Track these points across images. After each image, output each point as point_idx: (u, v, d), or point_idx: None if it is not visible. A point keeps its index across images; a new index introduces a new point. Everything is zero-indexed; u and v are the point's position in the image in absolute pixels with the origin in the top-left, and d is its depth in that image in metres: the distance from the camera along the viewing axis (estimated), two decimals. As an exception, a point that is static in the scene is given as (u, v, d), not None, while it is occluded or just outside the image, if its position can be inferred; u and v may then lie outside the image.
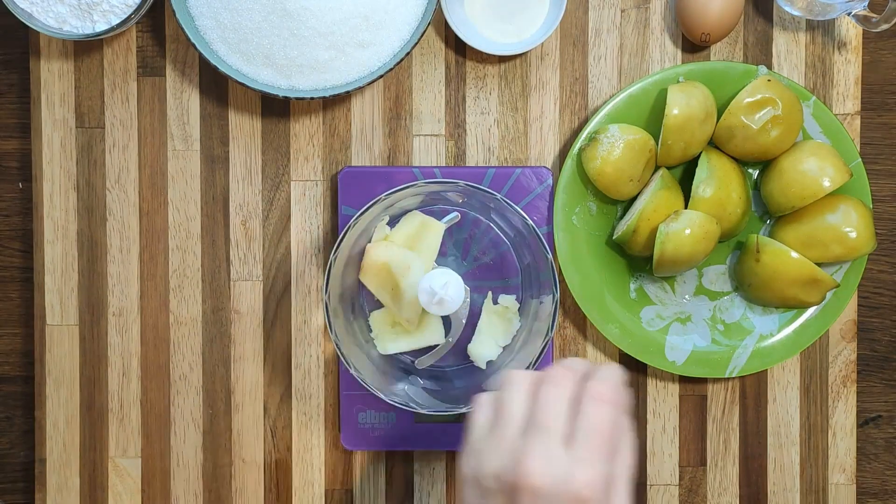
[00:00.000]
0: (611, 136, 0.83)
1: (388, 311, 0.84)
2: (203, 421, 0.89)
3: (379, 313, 0.85)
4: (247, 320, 0.89)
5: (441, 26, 0.88)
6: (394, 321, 0.84)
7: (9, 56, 0.91)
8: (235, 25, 0.83)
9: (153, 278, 0.89)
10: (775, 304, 0.86)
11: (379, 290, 0.83)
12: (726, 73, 0.86)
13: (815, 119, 0.86)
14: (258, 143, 0.89)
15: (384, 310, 0.85)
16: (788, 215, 0.86)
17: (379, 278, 0.83)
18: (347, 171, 0.87)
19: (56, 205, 0.89)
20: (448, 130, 0.89)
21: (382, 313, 0.85)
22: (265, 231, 0.89)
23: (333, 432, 0.89)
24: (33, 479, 0.91)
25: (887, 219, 0.92)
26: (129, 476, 0.89)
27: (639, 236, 0.83)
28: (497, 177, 0.86)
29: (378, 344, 0.84)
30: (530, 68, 0.89)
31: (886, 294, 0.92)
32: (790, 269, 0.83)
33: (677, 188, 0.85)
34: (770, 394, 0.90)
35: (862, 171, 0.86)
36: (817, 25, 0.89)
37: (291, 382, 0.89)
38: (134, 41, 0.89)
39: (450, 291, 0.78)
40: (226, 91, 0.89)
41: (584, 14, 0.89)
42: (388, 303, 0.84)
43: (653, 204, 0.83)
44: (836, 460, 0.90)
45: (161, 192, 0.89)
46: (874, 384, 0.92)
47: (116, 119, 0.89)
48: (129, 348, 0.89)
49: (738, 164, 0.86)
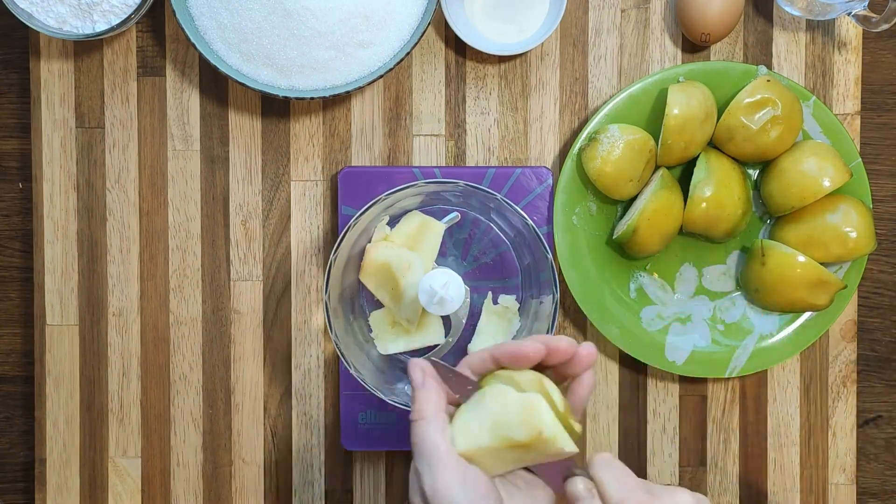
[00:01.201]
0: (611, 136, 0.83)
1: (388, 311, 0.84)
2: (203, 421, 0.89)
3: (379, 313, 0.85)
4: (247, 320, 0.89)
5: (441, 26, 0.89)
6: (394, 321, 0.84)
7: (9, 56, 0.91)
8: (235, 25, 0.83)
9: (153, 278, 0.89)
10: (783, 309, 0.86)
11: (379, 289, 0.83)
12: (726, 73, 0.86)
13: (815, 119, 0.86)
14: (258, 143, 0.89)
15: (384, 310, 0.85)
16: (788, 215, 0.86)
17: (379, 278, 0.83)
18: (347, 171, 0.87)
19: (56, 205, 0.89)
20: (448, 130, 0.89)
21: (382, 313, 0.85)
22: (265, 231, 0.89)
23: (333, 432, 0.89)
24: (33, 479, 0.91)
25: (887, 219, 0.92)
26: (129, 476, 0.89)
27: (639, 236, 0.83)
28: (497, 177, 0.87)
29: (378, 344, 0.84)
30: (530, 68, 0.89)
31: (886, 294, 0.92)
32: (797, 271, 0.83)
33: (677, 188, 0.85)
34: (770, 394, 0.90)
35: (862, 171, 0.86)
36: (817, 25, 0.89)
37: (291, 382, 0.89)
38: (134, 41, 0.89)
39: (450, 291, 0.78)
40: (226, 91, 0.89)
41: (584, 14, 0.89)
42: (388, 303, 0.84)
43: (653, 204, 0.83)
44: (836, 460, 0.90)
45: (161, 192, 0.89)
46: (874, 384, 0.92)
47: (116, 119, 0.89)
48: (129, 348, 0.89)
49: (739, 164, 0.86)
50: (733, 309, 0.88)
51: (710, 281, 0.89)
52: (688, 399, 0.90)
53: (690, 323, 0.88)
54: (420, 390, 0.62)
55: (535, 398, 0.60)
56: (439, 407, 0.62)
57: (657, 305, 0.88)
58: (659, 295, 0.88)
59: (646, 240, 0.83)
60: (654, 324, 0.88)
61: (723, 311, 0.88)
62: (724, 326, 0.88)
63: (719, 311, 0.88)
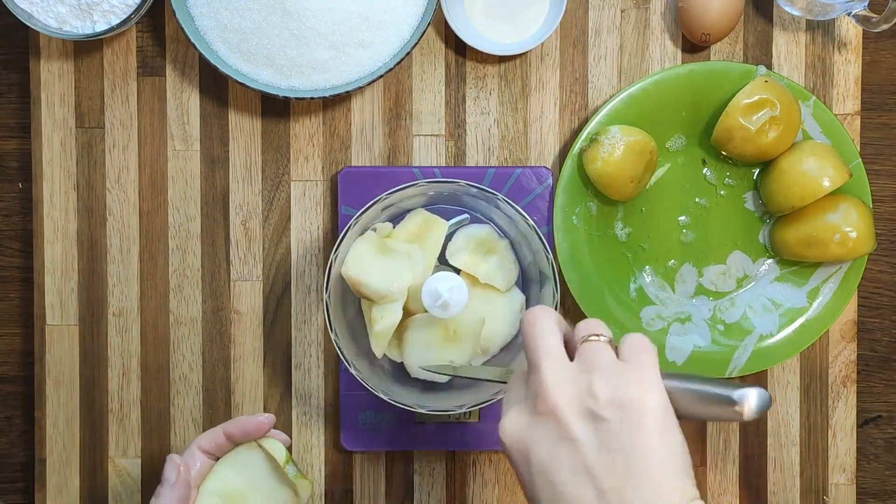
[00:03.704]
0: (612, 137, 0.83)
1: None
2: (203, 421, 0.89)
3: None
4: (247, 320, 0.89)
5: (441, 26, 0.88)
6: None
7: (9, 56, 0.91)
8: (235, 25, 0.83)
9: (153, 278, 0.89)
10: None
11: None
12: (726, 73, 0.86)
13: (815, 119, 0.86)
14: (258, 143, 0.89)
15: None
16: (788, 215, 0.86)
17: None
18: (347, 171, 0.87)
19: (56, 205, 0.89)
20: (448, 130, 0.89)
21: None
22: (265, 231, 0.89)
23: (333, 432, 0.89)
24: (33, 479, 0.91)
25: (887, 219, 0.92)
26: (129, 476, 0.89)
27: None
28: (497, 177, 0.86)
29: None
30: (530, 68, 0.89)
31: (886, 294, 0.92)
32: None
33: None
34: (770, 394, 0.90)
35: (862, 171, 0.86)
36: (817, 25, 0.89)
37: (291, 382, 0.89)
38: (134, 41, 0.89)
39: (454, 296, 0.78)
40: (226, 91, 0.89)
41: (584, 14, 0.89)
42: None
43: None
44: (836, 460, 0.90)
45: (161, 192, 0.89)
46: (874, 384, 0.92)
47: (116, 119, 0.89)
48: (129, 348, 0.89)
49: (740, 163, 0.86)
50: (733, 309, 0.88)
51: (710, 281, 0.89)
52: (688, 399, 0.89)
53: (690, 323, 0.88)
54: (167, 488, 0.74)
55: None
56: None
57: (657, 305, 0.88)
58: (659, 295, 0.88)
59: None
60: (654, 324, 0.88)
61: (723, 311, 0.88)
62: (724, 326, 0.88)
63: (719, 311, 0.88)
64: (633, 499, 0.53)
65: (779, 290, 0.88)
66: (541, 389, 0.57)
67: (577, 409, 0.56)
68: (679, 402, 0.58)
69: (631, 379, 0.56)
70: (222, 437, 0.76)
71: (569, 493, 0.55)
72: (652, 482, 0.54)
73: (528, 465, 0.57)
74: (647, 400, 0.55)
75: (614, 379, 0.56)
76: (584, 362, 0.58)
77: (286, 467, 0.77)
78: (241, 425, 0.76)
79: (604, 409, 0.55)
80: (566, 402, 0.56)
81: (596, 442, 0.55)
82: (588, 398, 0.56)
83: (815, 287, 0.88)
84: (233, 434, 0.76)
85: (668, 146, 0.88)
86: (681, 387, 0.58)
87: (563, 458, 0.55)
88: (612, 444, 0.55)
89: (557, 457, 0.55)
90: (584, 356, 0.58)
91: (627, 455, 0.54)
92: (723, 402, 0.57)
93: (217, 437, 0.76)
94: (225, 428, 0.76)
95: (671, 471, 0.54)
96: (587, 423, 0.56)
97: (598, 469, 0.54)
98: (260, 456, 0.77)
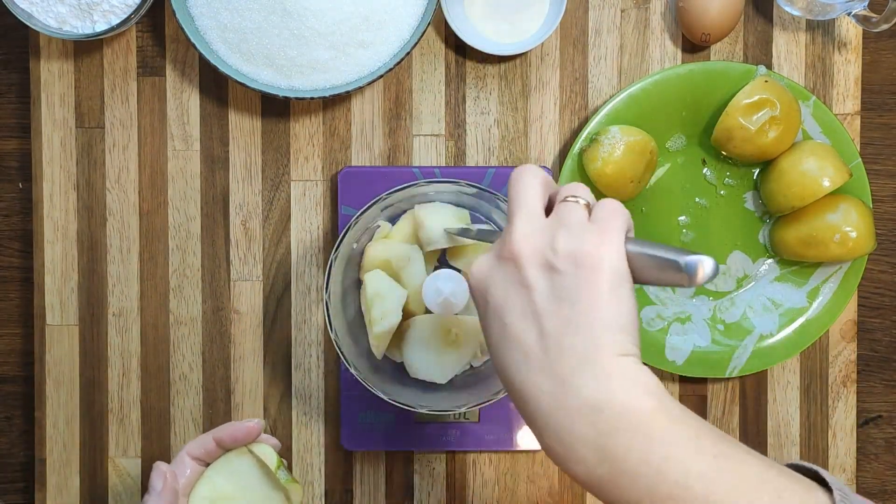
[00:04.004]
0: (612, 137, 0.83)
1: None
2: (203, 421, 0.89)
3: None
4: (247, 320, 0.89)
5: (441, 26, 0.89)
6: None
7: (9, 56, 0.91)
8: (235, 25, 0.83)
9: (153, 278, 0.89)
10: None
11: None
12: (726, 73, 0.86)
13: (815, 119, 0.86)
14: (258, 143, 0.89)
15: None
16: (788, 215, 0.86)
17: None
18: (347, 171, 0.87)
19: (56, 205, 0.89)
20: (448, 130, 0.89)
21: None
22: (265, 231, 0.89)
23: (333, 432, 0.89)
24: (33, 479, 0.91)
25: (887, 219, 0.92)
26: (129, 476, 0.89)
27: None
28: (497, 177, 0.86)
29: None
30: (530, 68, 0.89)
31: (886, 294, 0.92)
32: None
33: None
34: (770, 394, 0.90)
35: (862, 171, 0.86)
36: (817, 25, 0.89)
37: (291, 382, 0.89)
38: (134, 41, 0.89)
39: (457, 296, 0.78)
40: (226, 91, 0.89)
41: (584, 14, 0.89)
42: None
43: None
44: (836, 460, 0.90)
45: (161, 192, 0.89)
46: (874, 384, 0.92)
47: (116, 119, 0.89)
48: (129, 348, 0.89)
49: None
50: (733, 309, 0.88)
51: (711, 281, 0.89)
52: (688, 399, 0.89)
53: (690, 323, 0.88)
54: (153, 496, 0.74)
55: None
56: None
57: (657, 305, 0.88)
58: (659, 295, 0.88)
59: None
60: (654, 324, 0.88)
61: (723, 311, 0.88)
62: (724, 326, 0.88)
63: (719, 311, 0.88)
64: (569, 345, 0.56)
65: (779, 289, 0.88)
66: (508, 238, 0.60)
67: (537, 258, 0.59)
68: (636, 266, 0.59)
69: (593, 238, 0.58)
70: (212, 443, 0.77)
71: (515, 331, 0.58)
72: (591, 333, 0.56)
73: (486, 304, 0.60)
74: (602, 258, 0.57)
75: (579, 236, 0.58)
76: (556, 219, 0.60)
77: (277, 472, 0.76)
78: (231, 431, 0.76)
79: (561, 262, 0.58)
80: (528, 252, 0.59)
81: (547, 290, 0.58)
82: (549, 251, 0.58)
83: (815, 287, 0.88)
84: (222, 440, 0.76)
85: (668, 146, 0.88)
86: (638, 251, 0.59)
87: (515, 300, 0.58)
88: (561, 294, 0.57)
89: (510, 298, 0.59)
90: (558, 214, 0.60)
91: (574, 305, 0.57)
92: (672, 268, 0.58)
93: (206, 443, 0.77)
94: (214, 434, 0.77)
95: (612, 327, 0.57)
96: (543, 272, 0.58)
97: (544, 313, 0.57)
98: (251, 461, 0.77)
